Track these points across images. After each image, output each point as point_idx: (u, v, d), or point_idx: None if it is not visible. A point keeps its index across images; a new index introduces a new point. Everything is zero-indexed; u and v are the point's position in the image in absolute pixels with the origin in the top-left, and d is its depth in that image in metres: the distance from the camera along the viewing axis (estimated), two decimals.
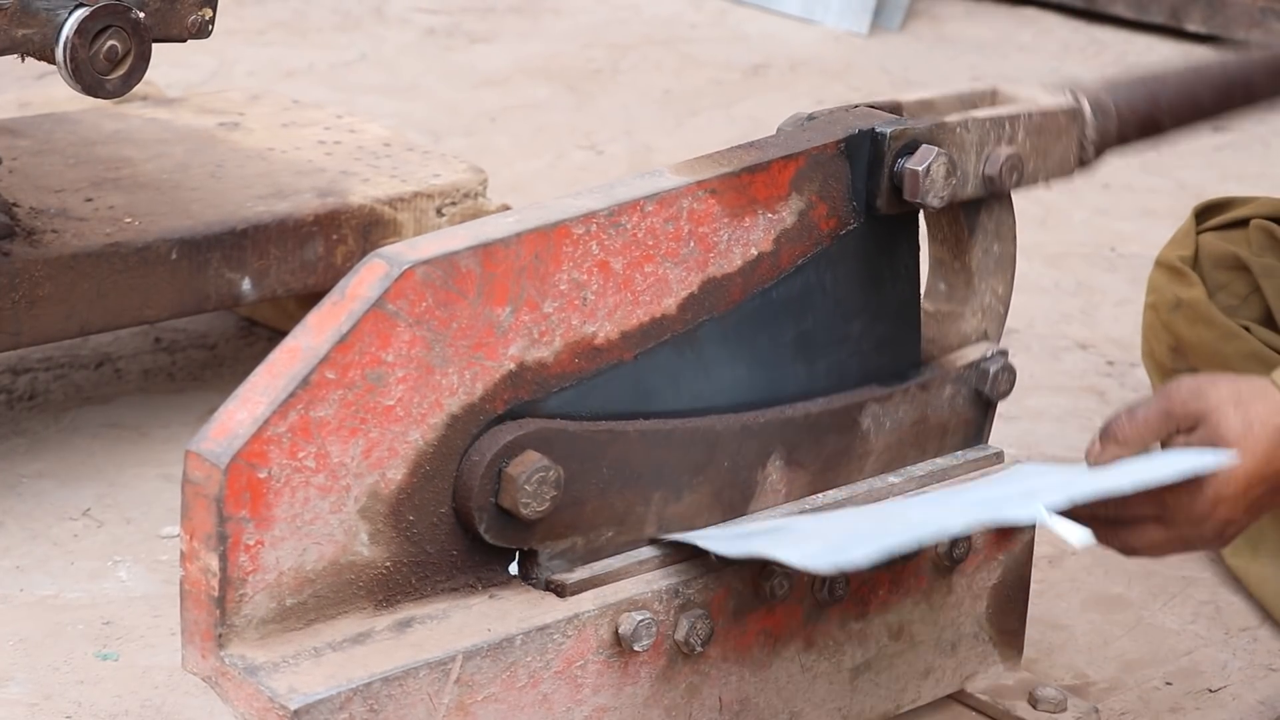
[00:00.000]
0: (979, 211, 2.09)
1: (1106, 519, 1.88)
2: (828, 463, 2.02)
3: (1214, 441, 1.85)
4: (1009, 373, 2.13)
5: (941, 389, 2.10)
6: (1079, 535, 1.73)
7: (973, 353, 2.12)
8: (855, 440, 2.04)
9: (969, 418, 2.13)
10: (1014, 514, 1.80)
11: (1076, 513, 1.84)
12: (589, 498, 1.85)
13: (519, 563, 1.86)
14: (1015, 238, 2.12)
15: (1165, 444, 1.89)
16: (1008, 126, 2.06)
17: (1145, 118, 2.14)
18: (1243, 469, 1.84)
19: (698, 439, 1.92)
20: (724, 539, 1.88)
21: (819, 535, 1.85)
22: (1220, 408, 1.85)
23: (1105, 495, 1.84)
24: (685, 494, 1.92)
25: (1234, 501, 1.85)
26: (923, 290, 2.10)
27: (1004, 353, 2.13)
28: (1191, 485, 1.84)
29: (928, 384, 2.08)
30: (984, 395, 2.13)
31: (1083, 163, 2.11)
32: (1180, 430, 1.88)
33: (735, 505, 1.96)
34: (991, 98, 2.13)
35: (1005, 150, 2.05)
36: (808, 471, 2.01)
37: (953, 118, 2.03)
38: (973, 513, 1.86)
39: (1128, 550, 1.91)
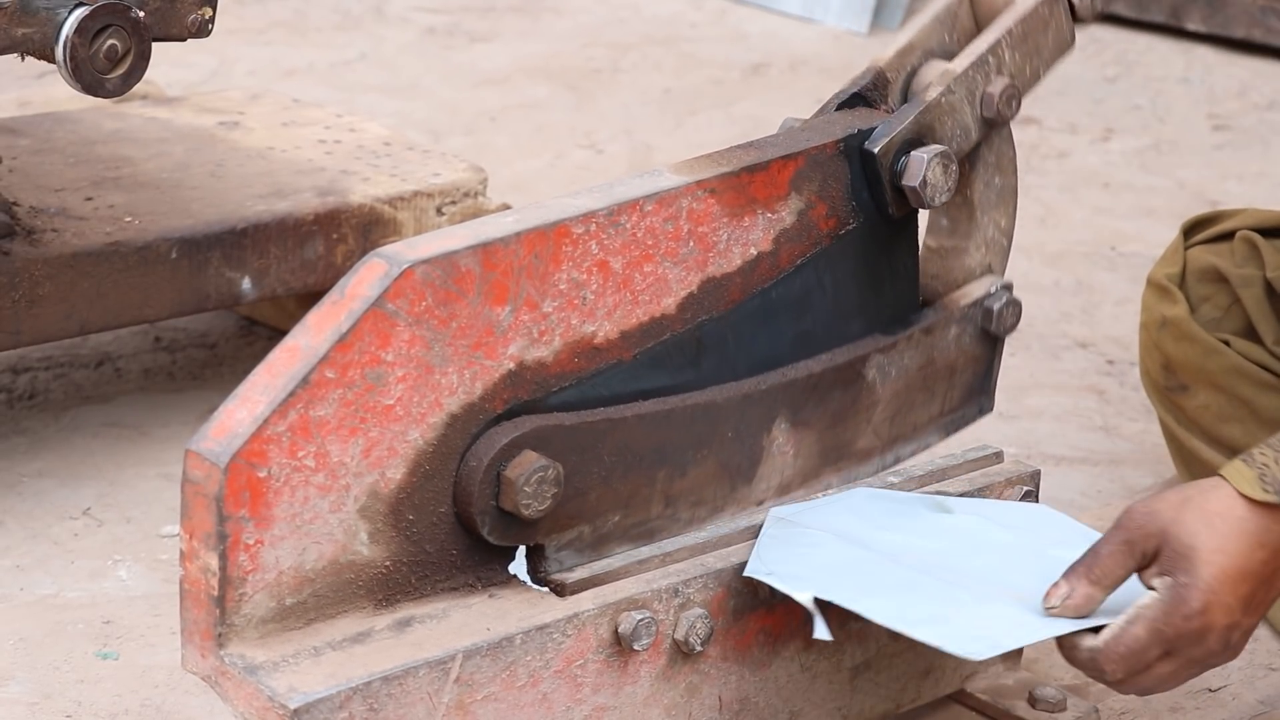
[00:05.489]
0: (979, 145, 2.07)
1: (1122, 676, 1.84)
2: (834, 418, 2.02)
3: (1183, 555, 1.79)
4: (1014, 306, 2.11)
5: (946, 330, 2.08)
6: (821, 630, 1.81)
7: (976, 290, 2.10)
8: (861, 392, 2.03)
9: (976, 355, 2.12)
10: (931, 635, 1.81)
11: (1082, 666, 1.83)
12: (592, 487, 1.85)
13: (525, 558, 1.86)
14: (1016, 169, 2.10)
15: (1141, 576, 1.83)
16: (992, 58, 2.02)
17: None
18: (1221, 570, 1.79)
19: (698, 414, 1.91)
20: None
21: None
22: (1177, 519, 1.80)
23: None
24: (690, 469, 1.92)
25: (1226, 607, 1.80)
26: (925, 228, 2.07)
27: (1008, 287, 2.11)
28: (1179, 607, 1.80)
29: (931, 327, 2.07)
30: (990, 332, 2.11)
31: (1078, 23, 2.06)
32: (1146, 555, 1.82)
33: (743, 471, 1.96)
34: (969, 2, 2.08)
35: (998, 83, 2.02)
36: (814, 430, 2.00)
37: (933, 91, 2.00)
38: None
39: (1145, 692, 1.87)
